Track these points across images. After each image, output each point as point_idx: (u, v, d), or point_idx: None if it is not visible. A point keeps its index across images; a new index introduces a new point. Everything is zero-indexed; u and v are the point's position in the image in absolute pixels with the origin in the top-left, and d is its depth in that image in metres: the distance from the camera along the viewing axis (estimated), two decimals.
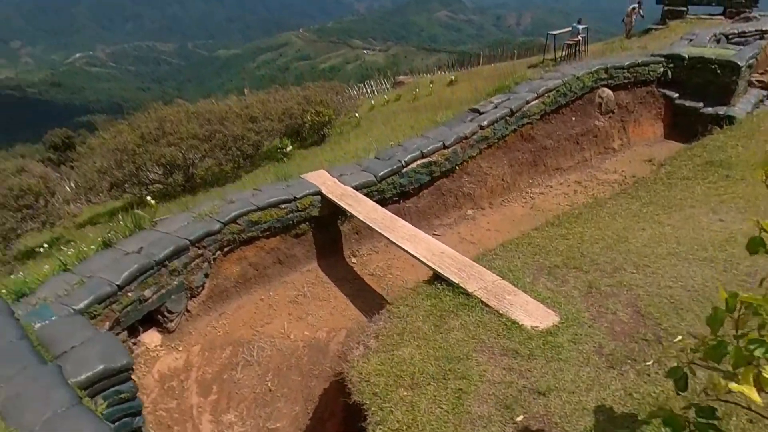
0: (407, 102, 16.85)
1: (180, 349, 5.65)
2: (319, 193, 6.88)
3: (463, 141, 8.11)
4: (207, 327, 5.96)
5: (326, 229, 7.16)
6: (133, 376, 4.14)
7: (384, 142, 9.89)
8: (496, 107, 8.81)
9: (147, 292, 5.45)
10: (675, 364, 2.53)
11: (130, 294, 5.26)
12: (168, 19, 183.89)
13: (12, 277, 5.46)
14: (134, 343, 5.57)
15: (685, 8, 16.69)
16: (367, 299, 6.39)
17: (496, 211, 8.33)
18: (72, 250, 6.01)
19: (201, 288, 6.09)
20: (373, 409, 3.68)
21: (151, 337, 5.70)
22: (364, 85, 26.56)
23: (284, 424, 4.92)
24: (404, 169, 7.52)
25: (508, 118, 8.68)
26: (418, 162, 7.68)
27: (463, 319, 4.53)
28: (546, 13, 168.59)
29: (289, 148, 12.80)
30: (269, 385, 5.28)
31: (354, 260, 7.16)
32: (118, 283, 5.09)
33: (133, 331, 5.61)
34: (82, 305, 4.76)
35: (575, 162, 9.65)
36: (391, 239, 5.86)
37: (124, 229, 6.12)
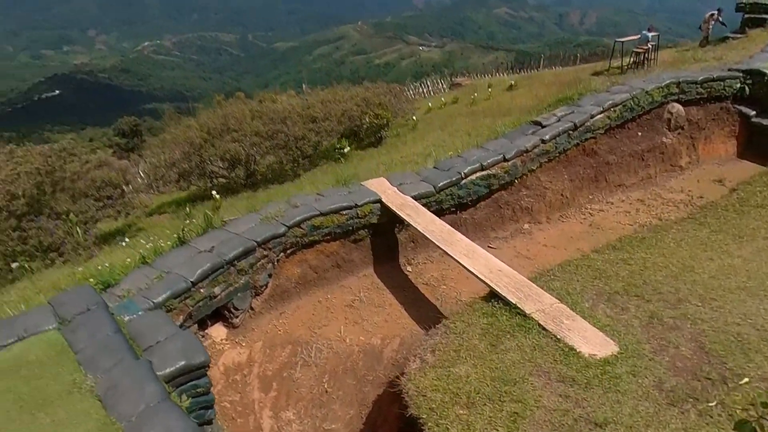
0: (465, 106, 16.76)
1: (243, 344, 5.99)
2: (379, 201, 7.06)
3: (524, 154, 8.07)
4: (268, 325, 6.27)
5: (383, 236, 7.34)
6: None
7: (441, 148, 9.97)
8: (559, 120, 8.70)
9: (217, 290, 5.82)
10: (740, 408, 2.53)
11: (202, 290, 5.63)
12: (231, 10, 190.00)
13: (99, 267, 5.93)
14: (202, 336, 5.96)
15: (767, 16, 15.70)
16: (421, 309, 6.53)
17: (554, 227, 8.25)
18: (150, 243, 6.47)
19: (264, 287, 6.42)
20: (429, 424, 3.82)
21: (217, 331, 6.07)
22: (420, 85, 26.58)
23: (339, 427, 5.15)
24: (463, 181, 7.58)
25: (571, 132, 8.55)
26: (477, 174, 7.71)
27: (519, 341, 4.59)
28: (612, 12, 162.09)
29: (347, 149, 13.09)
30: (326, 386, 5.53)
31: (409, 268, 7.31)
32: (192, 279, 5.46)
33: (202, 324, 6.00)
34: (160, 299, 5.15)
35: (639, 179, 9.38)
36: (449, 253, 5.97)
37: (197, 228, 6.53)
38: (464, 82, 23.56)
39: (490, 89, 18.07)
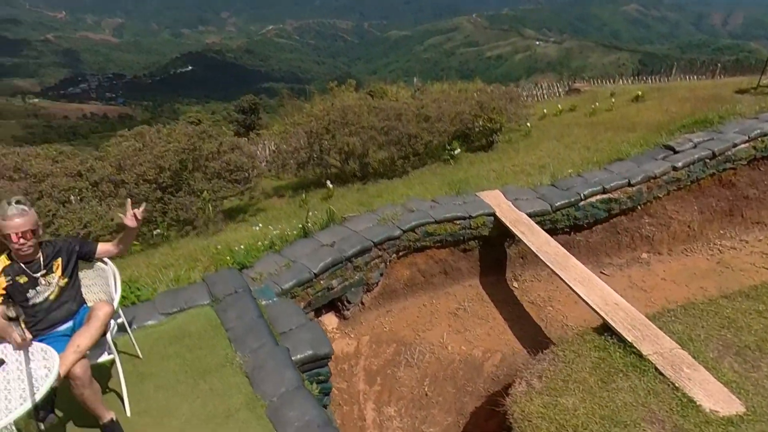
0: (583, 115, 16.02)
1: (352, 336, 6.42)
2: (493, 214, 7.12)
3: (651, 181, 7.67)
4: (375, 321, 6.65)
5: (492, 249, 7.40)
6: None
7: (556, 160, 9.73)
8: (695, 147, 8.12)
9: (334, 282, 6.28)
10: None
11: (322, 282, 6.11)
12: None
13: (234, 248, 6.63)
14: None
15: None
16: (525, 328, 6.55)
17: (675, 260, 7.77)
18: (277, 231, 7.10)
19: (375, 285, 6.80)
20: None
21: (329, 320, 6.57)
22: (534, 87, 25.74)
23: (437, 431, 5.39)
24: (581, 203, 7.40)
25: (707, 160, 7.96)
26: (598, 197, 7.48)
27: (633, 382, 4.48)
28: (764, 12, 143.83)
29: (457, 150, 13.16)
30: (426, 389, 5.79)
31: (515, 284, 7.32)
32: (315, 271, 5.95)
33: (317, 312, 6.52)
34: (287, 286, 5.68)
35: None
36: (563, 278, 5.90)
37: (319, 221, 7.06)
38: (583, 88, 22.43)
39: (613, 99, 17.09)
